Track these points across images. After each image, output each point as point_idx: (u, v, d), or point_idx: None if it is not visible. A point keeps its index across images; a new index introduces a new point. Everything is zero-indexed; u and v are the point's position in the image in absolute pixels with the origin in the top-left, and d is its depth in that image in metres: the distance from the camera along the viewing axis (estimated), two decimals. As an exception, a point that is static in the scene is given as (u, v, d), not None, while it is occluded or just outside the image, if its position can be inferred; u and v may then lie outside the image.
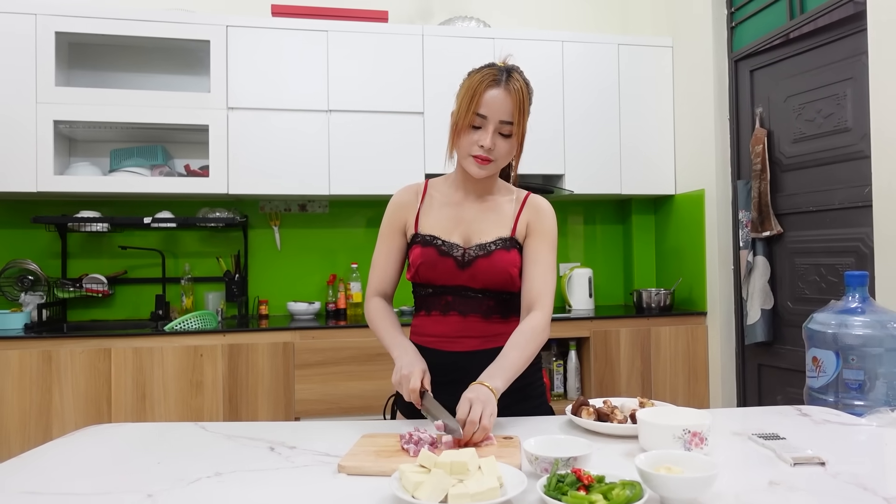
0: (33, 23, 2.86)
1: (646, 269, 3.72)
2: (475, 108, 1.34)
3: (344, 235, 3.52)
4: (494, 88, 1.34)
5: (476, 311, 1.42)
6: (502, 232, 1.44)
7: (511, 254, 1.41)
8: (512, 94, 1.34)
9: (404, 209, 1.49)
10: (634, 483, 0.84)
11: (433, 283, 1.44)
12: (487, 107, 1.34)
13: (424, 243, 1.43)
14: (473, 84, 1.35)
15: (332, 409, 2.84)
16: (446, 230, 1.44)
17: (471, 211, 1.46)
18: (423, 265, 1.42)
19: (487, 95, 1.34)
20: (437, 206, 1.48)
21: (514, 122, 1.36)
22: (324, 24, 3.13)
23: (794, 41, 2.71)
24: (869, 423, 1.28)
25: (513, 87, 1.35)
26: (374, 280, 1.51)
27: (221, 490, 0.94)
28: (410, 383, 1.22)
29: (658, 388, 3.14)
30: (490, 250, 1.41)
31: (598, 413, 1.24)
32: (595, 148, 3.38)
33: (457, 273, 1.41)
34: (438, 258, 1.41)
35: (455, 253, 1.41)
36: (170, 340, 2.75)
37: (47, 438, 2.57)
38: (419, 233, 1.46)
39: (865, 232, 2.34)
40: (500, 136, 1.36)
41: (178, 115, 2.98)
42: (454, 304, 1.43)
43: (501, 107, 1.34)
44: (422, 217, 1.47)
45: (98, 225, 3.09)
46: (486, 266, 1.40)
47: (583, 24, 3.78)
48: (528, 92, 1.39)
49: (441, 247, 1.42)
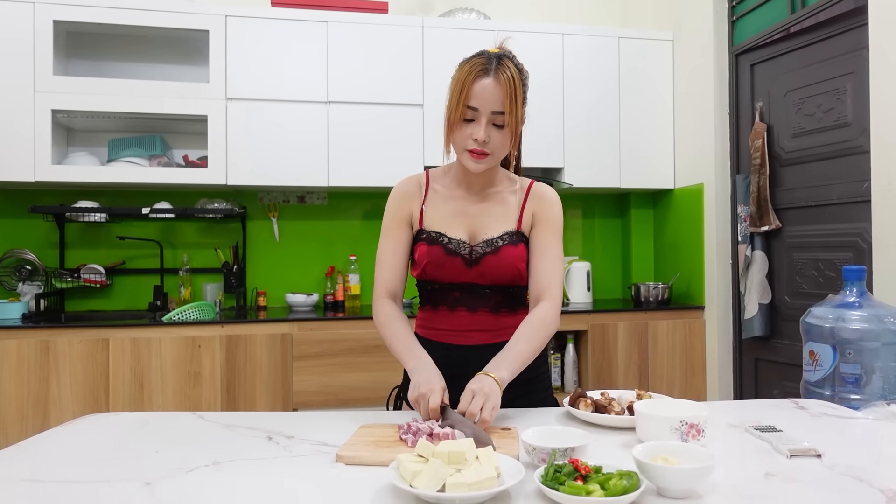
0: (31, 11, 2.84)
1: (644, 263, 3.72)
2: (465, 100, 1.29)
3: (342, 227, 3.52)
4: (484, 78, 1.29)
5: (485, 306, 1.41)
6: (508, 225, 1.42)
7: (518, 248, 1.40)
8: (502, 82, 1.28)
9: (409, 199, 1.45)
10: (631, 473, 0.85)
11: (440, 281, 1.42)
12: (478, 98, 1.29)
13: (430, 241, 1.40)
14: (462, 75, 1.30)
15: (330, 400, 2.84)
16: (451, 226, 1.41)
17: (475, 205, 1.43)
18: (429, 264, 1.39)
19: (477, 86, 1.29)
20: (440, 201, 1.44)
21: (507, 111, 1.30)
22: (323, 15, 3.11)
23: (795, 35, 2.70)
24: (865, 417, 1.28)
25: (503, 75, 1.29)
26: (382, 278, 1.44)
27: (219, 478, 0.95)
28: (430, 402, 1.16)
29: (655, 381, 3.15)
30: (497, 246, 1.38)
31: (595, 405, 1.24)
32: (594, 141, 3.37)
33: (465, 271, 1.39)
34: (446, 257, 1.38)
35: (462, 251, 1.39)
36: (168, 331, 2.75)
37: (45, 428, 2.57)
38: (424, 228, 1.42)
39: (864, 227, 2.34)
40: (495, 128, 1.31)
41: (177, 105, 2.97)
42: (462, 299, 1.41)
43: (492, 97, 1.29)
44: (426, 211, 1.44)
45: (96, 215, 3.08)
46: (495, 262, 1.38)
47: (583, 17, 3.77)
48: (522, 78, 1.33)
49: (448, 245, 1.39)
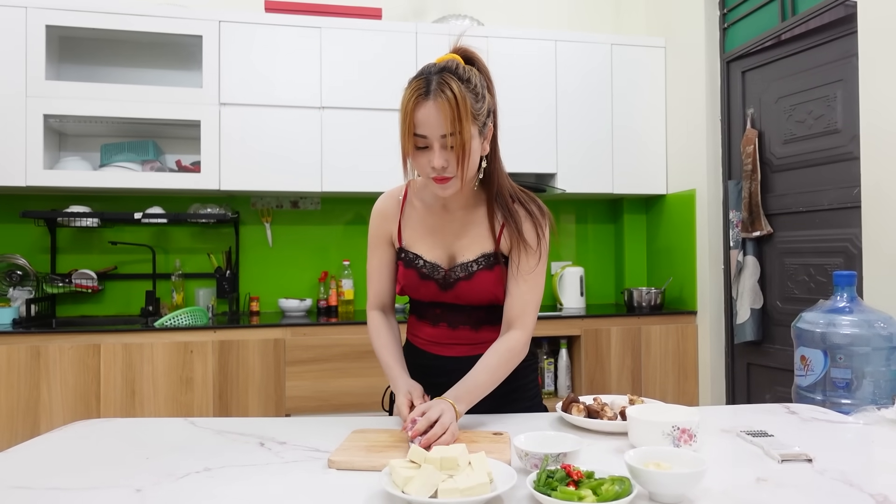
0: (24, 16, 2.83)
1: (637, 268, 3.74)
2: (411, 129, 1.20)
3: (336, 232, 3.51)
4: (424, 103, 1.18)
5: (465, 322, 1.41)
6: (485, 247, 1.36)
7: (494, 272, 1.35)
8: (441, 105, 1.16)
9: (387, 220, 1.44)
10: (624, 479, 0.85)
11: (420, 300, 1.43)
12: (423, 126, 1.19)
13: (407, 263, 1.39)
14: (404, 102, 1.20)
15: (323, 406, 2.83)
16: (428, 247, 1.38)
17: (453, 224, 1.38)
18: (406, 286, 1.40)
19: (420, 114, 1.18)
20: (417, 218, 1.41)
21: (454, 132, 1.18)
22: (317, 21, 3.12)
23: (786, 43, 2.73)
24: (856, 421, 1.29)
25: (442, 96, 1.17)
26: (371, 293, 1.47)
27: (210, 485, 0.94)
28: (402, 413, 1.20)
29: (648, 386, 3.16)
30: (472, 271, 1.35)
31: (588, 410, 1.25)
32: (587, 147, 3.38)
33: (440, 293, 1.38)
34: (420, 282, 1.38)
35: (436, 276, 1.37)
36: (160, 336, 2.74)
37: (35, 434, 2.55)
38: (403, 247, 1.41)
39: (854, 233, 2.36)
40: (451, 150, 1.20)
41: (170, 110, 2.96)
42: (442, 316, 1.41)
43: (436, 121, 1.18)
44: (403, 229, 1.41)
45: (88, 220, 3.07)
46: (468, 288, 1.36)
47: (576, 24, 3.79)
48: (468, 91, 1.20)
49: (422, 269, 1.38)
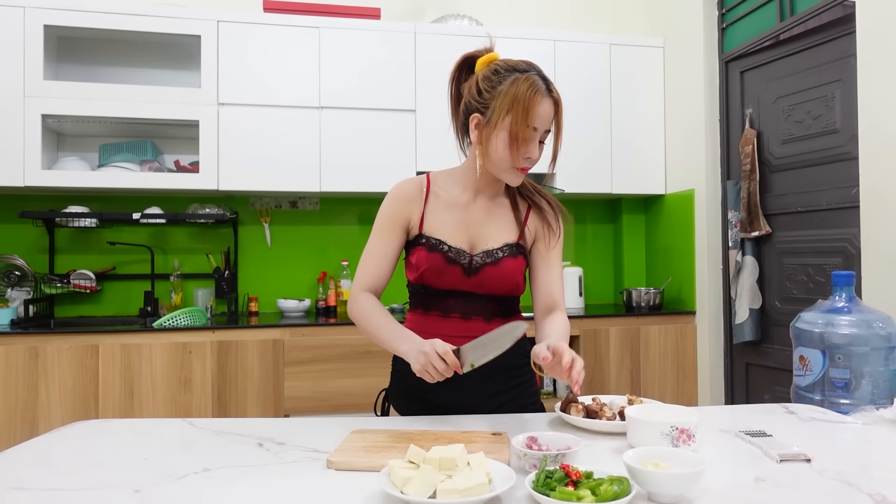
0: (21, 16, 2.83)
1: (636, 269, 3.74)
2: (531, 121, 1.28)
3: (334, 232, 3.51)
4: (543, 99, 1.28)
5: (479, 313, 1.40)
6: (509, 237, 1.41)
7: (517, 260, 1.40)
8: (556, 102, 1.31)
9: (409, 203, 1.42)
10: (622, 479, 0.85)
11: (437, 288, 1.40)
12: (539, 119, 1.29)
13: (430, 247, 1.38)
14: (523, 94, 1.27)
15: (322, 406, 2.83)
16: (453, 234, 1.39)
17: (478, 214, 1.42)
18: (428, 271, 1.37)
19: (540, 108, 1.28)
20: (442, 207, 1.41)
21: (553, 129, 1.33)
22: (316, 21, 3.12)
23: (785, 43, 2.73)
24: (854, 421, 1.29)
25: (556, 95, 1.31)
26: (364, 275, 1.41)
27: (209, 485, 0.94)
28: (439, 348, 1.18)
29: (647, 386, 3.16)
30: (498, 258, 1.38)
31: (586, 410, 1.25)
32: (586, 147, 3.38)
33: (463, 280, 1.38)
34: (445, 265, 1.37)
35: (462, 260, 1.38)
36: (158, 337, 2.73)
37: (33, 435, 2.55)
38: (424, 234, 1.40)
39: (852, 233, 2.36)
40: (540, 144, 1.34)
41: (168, 110, 2.96)
42: (456, 306, 1.40)
43: (547, 116, 1.30)
44: (427, 217, 1.41)
45: (86, 220, 3.06)
46: (495, 273, 1.37)
47: (575, 24, 3.79)
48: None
49: (448, 253, 1.37)
